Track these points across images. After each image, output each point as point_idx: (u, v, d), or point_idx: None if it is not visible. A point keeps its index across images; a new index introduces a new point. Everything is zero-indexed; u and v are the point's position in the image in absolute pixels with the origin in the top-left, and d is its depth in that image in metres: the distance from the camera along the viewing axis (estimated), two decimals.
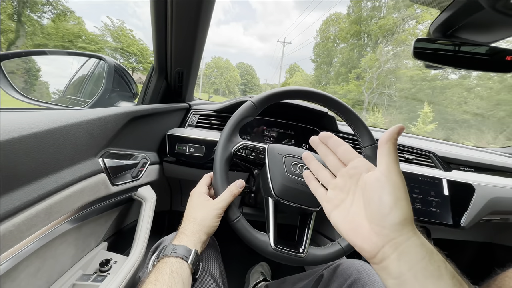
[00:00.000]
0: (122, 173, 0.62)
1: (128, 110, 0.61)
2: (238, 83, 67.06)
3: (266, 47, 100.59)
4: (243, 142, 0.56)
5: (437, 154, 0.96)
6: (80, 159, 0.47)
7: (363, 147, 0.62)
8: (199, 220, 0.46)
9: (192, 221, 0.46)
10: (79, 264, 0.56)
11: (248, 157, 0.56)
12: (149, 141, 0.77)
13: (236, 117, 0.55)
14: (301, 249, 0.52)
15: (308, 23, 43.01)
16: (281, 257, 0.50)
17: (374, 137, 0.61)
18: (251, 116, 0.57)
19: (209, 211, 0.47)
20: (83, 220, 0.54)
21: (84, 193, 0.47)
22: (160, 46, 0.70)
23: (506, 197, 0.89)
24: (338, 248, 0.55)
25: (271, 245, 0.50)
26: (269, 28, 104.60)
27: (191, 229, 0.45)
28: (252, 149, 0.56)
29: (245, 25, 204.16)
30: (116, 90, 0.86)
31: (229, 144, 0.54)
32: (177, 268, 0.39)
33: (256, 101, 0.56)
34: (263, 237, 0.51)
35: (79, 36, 21.71)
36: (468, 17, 0.62)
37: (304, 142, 0.94)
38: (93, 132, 0.49)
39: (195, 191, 0.52)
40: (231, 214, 0.50)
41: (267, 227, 0.53)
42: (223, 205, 0.48)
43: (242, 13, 18.29)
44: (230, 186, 0.51)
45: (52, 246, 0.47)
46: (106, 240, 0.69)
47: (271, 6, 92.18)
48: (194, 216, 0.47)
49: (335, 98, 0.60)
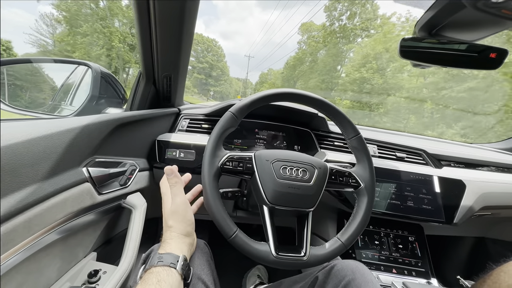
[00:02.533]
0: (109, 182, 0.61)
1: (113, 117, 0.60)
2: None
3: (230, 45, 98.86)
4: (228, 154, 0.54)
5: (428, 151, 0.96)
6: (62, 170, 0.45)
7: (347, 139, 0.62)
8: (173, 228, 0.48)
9: (168, 229, 0.48)
10: (66, 276, 0.55)
11: (236, 169, 0.54)
12: (138, 148, 0.76)
13: (217, 131, 0.54)
14: (303, 252, 0.52)
15: (271, 21, 43.18)
16: (284, 264, 0.50)
17: (357, 128, 0.61)
18: (233, 127, 0.56)
19: (175, 216, 0.48)
20: (69, 231, 0.52)
21: (67, 204, 0.46)
22: (146, 51, 0.69)
23: (496, 192, 0.89)
24: (339, 244, 0.55)
25: (272, 253, 0.50)
26: (231, 25, 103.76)
27: (170, 236, 0.46)
28: (239, 160, 0.55)
29: (206, 21, 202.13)
30: (104, 96, 0.85)
31: (214, 160, 0.53)
32: (164, 277, 0.38)
33: (235, 111, 0.55)
34: (263, 247, 0.50)
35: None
36: (451, 16, 0.63)
37: (296, 144, 0.94)
38: (75, 141, 0.48)
39: (162, 201, 0.53)
40: (227, 230, 0.49)
41: (265, 236, 0.52)
42: (179, 199, 0.50)
43: (202, 8, 18.00)
44: (169, 181, 0.52)
45: (35, 259, 0.45)
46: (96, 250, 0.67)
47: (232, 3, 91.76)
48: (168, 224, 0.48)
49: (315, 96, 0.59)
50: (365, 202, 0.59)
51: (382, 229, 0.91)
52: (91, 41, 20.63)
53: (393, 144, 0.97)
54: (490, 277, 0.70)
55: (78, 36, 21.26)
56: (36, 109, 1.04)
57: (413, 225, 0.92)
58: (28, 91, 1.29)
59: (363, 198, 0.59)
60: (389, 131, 1.24)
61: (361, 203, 0.59)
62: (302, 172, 0.56)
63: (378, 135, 1.00)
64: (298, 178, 0.55)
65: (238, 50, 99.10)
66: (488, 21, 0.61)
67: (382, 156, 0.93)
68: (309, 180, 0.55)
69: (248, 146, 0.92)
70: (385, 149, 0.95)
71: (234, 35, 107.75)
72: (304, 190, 0.54)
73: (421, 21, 0.70)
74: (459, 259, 1.17)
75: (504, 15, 0.53)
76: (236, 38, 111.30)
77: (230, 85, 48.96)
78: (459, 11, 0.59)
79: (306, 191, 0.54)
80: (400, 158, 0.94)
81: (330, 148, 0.93)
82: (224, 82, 39.51)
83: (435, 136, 1.31)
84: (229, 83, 46.47)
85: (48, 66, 0.93)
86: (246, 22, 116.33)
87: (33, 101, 1.11)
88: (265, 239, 0.52)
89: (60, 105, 1.01)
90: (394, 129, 1.29)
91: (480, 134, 6.47)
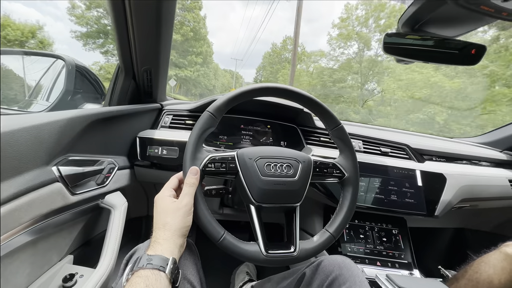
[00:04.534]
0: (84, 181, 0.58)
1: (88, 113, 0.56)
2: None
3: (215, 42, 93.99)
4: (210, 156, 0.52)
5: (411, 146, 0.99)
6: (26, 169, 0.42)
7: (329, 130, 0.62)
8: (169, 225, 0.45)
9: (163, 228, 0.44)
10: (38, 282, 0.52)
11: (219, 170, 0.53)
12: (117, 145, 0.72)
13: (196, 132, 0.52)
14: (292, 248, 0.52)
15: (254, 16, 40.87)
16: (275, 261, 0.50)
17: (337, 119, 0.60)
18: (212, 127, 0.54)
19: (176, 213, 0.46)
20: (40, 233, 0.49)
21: (34, 206, 0.43)
22: (123, 44, 0.66)
23: (475, 185, 0.93)
24: (328, 235, 0.55)
25: (262, 252, 0.49)
26: (213, 23, 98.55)
27: (163, 236, 0.43)
28: (221, 161, 0.53)
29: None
30: (80, 91, 0.80)
31: (195, 162, 0.51)
32: (153, 281, 0.37)
33: (213, 111, 0.53)
34: (253, 247, 0.50)
35: None
36: (433, 11, 0.63)
37: (282, 140, 0.93)
38: (42, 139, 0.44)
39: (158, 196, 0.50)
40: (214, 234, 0.48)
41: (254, 235, 0.52)
42: (187, 200, 0.47)
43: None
44: (186, 179, 0.49)
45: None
46: (72, 252, 0.64)
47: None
48: (163, 222, 0.45)
49: (294, 89, 0.58)
50: (350, 192, 0.59)
51: (367, 223, 0.92)
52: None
53: (378, 139, 0.98)
54: (471, 267, 0.72)
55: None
56: (4, 105, 0.97)
57: (396, 218, 0.94)
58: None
59: (348, 188, 0.60)
60: (374, 127, 1.26)
61: (346, 192, 0.60)
62: (286, 168, 0.55)
63: (364, 130, 1.01)
64: (283, 174, 0.54)
65: (222, 48, 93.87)
66: (469, 17, 0.62)
67: (368, 151, 0.94)
68: (293, 175, 0.55)
69: (233, 142, 0.90)
70: (370, 144, 0.97)
71: (217, 31, 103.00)
72: (290, 186, 0.54)
73: (404, 16, 0.70)
74: (441, 249, 1.21)
75: (483, 11, 0.54)
76: (220, 35, 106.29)
77: (216, 75, 34.41)
78: (440, 6, 0.60)
79: (291, 186, 0.54)
80: (385, 153, 0.95)
81: (317, 143, 0.93)
82: (203, 69, 25.38)
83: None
84: (214, 71, 32.58)
85: (19, 59, 0.86)
86: (228, 18, 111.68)
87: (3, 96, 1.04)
88: (253, 237, 0.51)
89: (32, 101, 0.95)
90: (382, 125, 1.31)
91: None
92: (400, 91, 9.86)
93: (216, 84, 36.21)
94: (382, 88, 12.71)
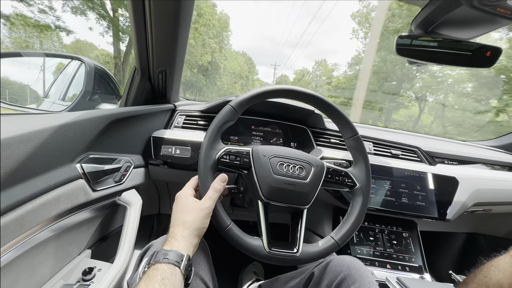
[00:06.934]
0: (104, 178, 0.60)
1: (108, 113, 0.59)
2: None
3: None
4: (226, 148, 0.54)
5: (422, 149, 0.98)
6: (55, 166, 0.45)
7: (346, 139, 0.63)
8: (188, 224, 0.46)
9: (181, 225, 0.45)
10: (60, 274, 0.54)
11: (233, 163, 0.54)
12: (132, 144, 0.75)
13: (216, 123, 0.54)
14: (295, 249, 0.52)
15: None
16: (276, 259, 0.50)
17: (355, 128, 0.61)
18: (232, 121, 0.56)
19: (197, 213, 0.47)
20: (63, 228, 0.52)
21: (61, 201, 0.45)
22: (141, 46, 0.68)
23: (488, 189, 0.91)
24: (332, 243, 0.56)
25: (265, 248, 0.50)
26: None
27: (181, 233, 0.44)
28: (236, 154, 0.55)
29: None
30: (98, 92, 0.83)
31: (211, 152, 0.52)
32: (169, 275, 0.38)
33: (235, 105, 0.55)
34: (256, 241, 0.51)
35: None
36: (447, 14, 0.63)
37: (292, 141, 0.94)
38: (68, 137, 0.47)
39: (180, 194, 0.51)
40: (221, 223, 0.50)
41: (259, 231, 0.53)
42: (210, 203, 0.48)
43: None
44: (213, 183, 0.50)
45: (28, 257, 0.45)
46: (90, 247, 0.66)
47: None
48: (183, 219, 0.46)
49: (314, 94, 0.59)
50: (360, 202, 0.59)
51: (377, 225, 0.92)
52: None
53: (389, 142, 0.98)
54: (480, 272, 0.71)
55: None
56: (28, 105, 1.01)
57: (407, 221, 0.93)
58: (20, 86, 1.25)
59: (358, 198, 0.60)
60: (384, 129, 1.25)
61: (356, 203, 0.60)
62: (298, 169, 0.56)
63: (374, 133, 1.01)
64: (294, 175, 0.55)
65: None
66: (484, 19, 0.61)
67: (378, 153, 0.94)
68: (305, 177, 0.55)
69: (244, 142, 0.91)
70: (381, 146, 0.96)
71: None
72: (300, 187, 0.55)
73: (417, 18, 0.70)
74: (452, 254, 1.19)
75: (500, 13, 0.54)
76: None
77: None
78: (455, 9, 0.59)
79: (301, 188, 0.55)
80: (395, 155, 0.95)
81: (326, 145, 0.93)
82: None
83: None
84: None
85: (40, 60, 0.90)
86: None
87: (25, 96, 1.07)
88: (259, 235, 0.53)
89: (53, 101, 0.99)
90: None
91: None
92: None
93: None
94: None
